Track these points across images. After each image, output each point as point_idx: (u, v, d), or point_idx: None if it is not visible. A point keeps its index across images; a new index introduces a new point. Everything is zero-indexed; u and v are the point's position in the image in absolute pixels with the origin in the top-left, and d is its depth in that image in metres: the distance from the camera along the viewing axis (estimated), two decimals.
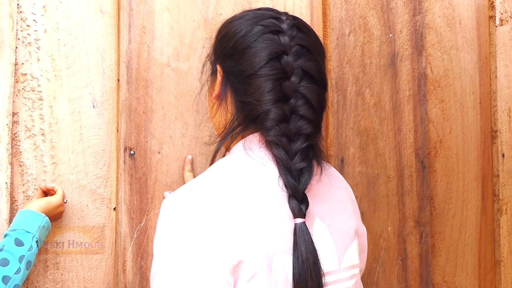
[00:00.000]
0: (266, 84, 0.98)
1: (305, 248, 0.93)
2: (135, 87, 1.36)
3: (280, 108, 0.98)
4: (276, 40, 1.00)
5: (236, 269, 0.89)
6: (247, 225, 0.91)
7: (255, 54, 0.99)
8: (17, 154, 1.30)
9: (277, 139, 0.97)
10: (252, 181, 0.96)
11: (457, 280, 1.56)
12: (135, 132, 1.36)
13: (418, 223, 1.53)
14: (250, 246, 0.90)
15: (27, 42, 1.32)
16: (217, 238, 0.89)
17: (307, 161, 0.98)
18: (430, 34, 1.57)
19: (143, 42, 1.37)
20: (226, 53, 1.04)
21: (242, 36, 1.02)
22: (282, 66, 0.99)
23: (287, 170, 0.96)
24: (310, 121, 0.99)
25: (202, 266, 0.87)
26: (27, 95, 1.31)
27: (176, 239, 0.89)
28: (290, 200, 0.95)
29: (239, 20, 1.05)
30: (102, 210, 1.34)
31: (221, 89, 1.06)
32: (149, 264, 1.34)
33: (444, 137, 1.57)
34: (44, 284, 1.30)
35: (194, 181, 0.96)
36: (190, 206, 0.91)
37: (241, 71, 1.01)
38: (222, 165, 0.99)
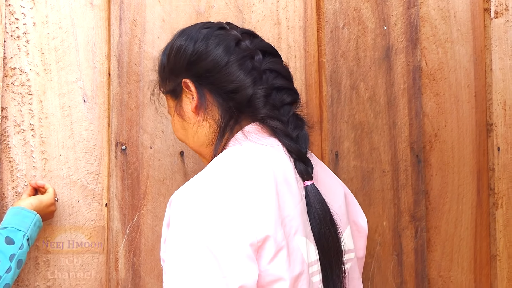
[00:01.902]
0: (242, 69, 1.04)
1: (320, 207, 0.98)
2: (126, 81, 1.35)
3: (261, 85, 1.04)
4: (226, 33, 1.08)
5: (261, 246, 0.90)
6: (265, 205, 0.92)
7: (217, 47, 1.05)
8: (6, 149, 1.28)
9: (271, 113, 1.03)
10: (262, 167, 0.97)
11: (453, 275, 1.56)
12: (126, 127, 1.34)
13: (414, 218, 1.52)
14: (273, 223, 0.91)
15: (16, 36, 1.30)
16: (239, 216, 0.90)
17: (300, 128, 1.05)
18: (425, 27, 1.56)
19: (134, 35, 1.35)
20: (188, 63, 1.07)
21: (195, 43, 1.06)
22: (243, 49, 1.05)
23: (287, 137, 1.02)
24: (287, 90, 1.07)
25: (229, 245, 0.88)
26: (16, 90, 1.29)
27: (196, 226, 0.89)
28: (297, 163, 1.01)
29: (181, 38, 1.10)
30: (93, 207, 1.33)
31: (199, 95, 1.07)
32: (141, 260, 1.33)
33: (439, 130, 1.56)
34: (35, 282, 1.29)
35: (207, 171, 0.97)
36: (208, 193, 0.92)
37: (214, 65, 1.05)
38: (230, 155, 1.00)
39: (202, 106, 1.07)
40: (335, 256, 1.00)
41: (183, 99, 1.09)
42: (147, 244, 1.34)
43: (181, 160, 1.37)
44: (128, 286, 1.33)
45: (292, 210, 0.96)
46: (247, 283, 0.88)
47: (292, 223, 0.95)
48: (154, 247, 1.34)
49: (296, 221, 0.96)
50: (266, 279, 0.91)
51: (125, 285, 1.33)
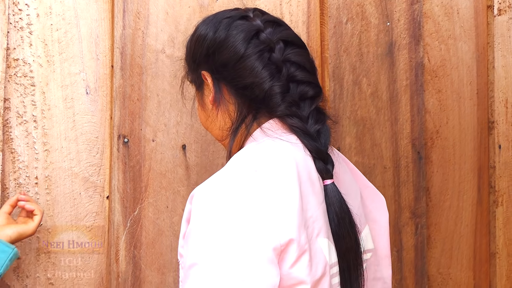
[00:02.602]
0: (257, 63, 1.00)
1: (339, 207, 0.96)
2: (129, 73, 1.34)
3: (279, 81, 1.00)
4: (247, 23, 1.03)
5: (284, 250, 0.88)
6: (289, 207, 0.90)
7: (235, 39, 1.01)
8: (9, 140, 1.28)
9: (288, 110, 0.99)
10: (286, 166, 0.94)
11: (452, 272, 1.57)
12: (129, 120, 1.34)
13: (414, 214, 1.53)
14: (297, 226, 0.90)
15: (19, 27, 1.30)
16: (263, 219, 0.88)
17: (321, 122, 1.01)
18: (428, 23, 1.56)
19: (138, 28, 1.35)
20: (206, 55, 1.05)
21: (214, 33, 1.04)
22: (262, 41, 1.01)
23: (306, 134, 0.98)
24: (309, 83, 1.02)
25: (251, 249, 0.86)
26: (19, 81, 1.29)
27: (218, 226, 0.87)
28: (316, 162, 0.98)
29: (203, 25, 1.07)
30: (95, 199, 1.33)
31: (215, 89, 1.05)
32: (142, 253, 1.33)
33: (441, 127, 1.57)
34: (35, 273, 1.29)
35: (229, 169, 0.95)
36: (230, 192, 0.90)
37: (229, 59, 1.02)
38: (251, 152, 0.97)
39: (218, 101, 1.05)
40: (354, 258, 0.98)
41: (204, 89, 1.08)
42: (148, 237, 1.34)
43: (183, 154, 1.37)
44: (129, 278, 1.33)
45: (315, 210, 0.94)
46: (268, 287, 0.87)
47: (315, 225, 0.93)
48: (155, 240, 1.34)
49: (319, 222, 0.94)
50: (287, 282, 0.90)
51: (126, 278, 1.33)
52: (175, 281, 1.35)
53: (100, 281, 1.32)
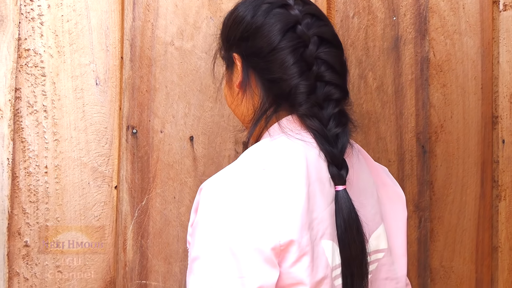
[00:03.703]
0: (289, 58, 0.98)
1: (347, 214, 0.94)
2: (138, 65, 1.36)
3: (307, 79, 0.98)
4: (286, 13, 1.00)
5: (284, 250, 0.89)
6: (294, 208, 0.90)
7: (270, 29, 0.99)
8: (19, 130, 1.29)
9: (309, 111, 0.97)
10: (295, 165, 0.94)
11: (455, 265, 1.57)
12: (138, 111, 1.35)
13: (418, 208, 1.53)
14: (299, 227, 0.89)
15: (30, 17, 1.31)
16: (265, 218, 0.88)
17: (342, 126, 0.98)
18: (433, 18, 1.57)
19: (147, 20, 1.36)
20: (240, 38, 1.03)
21: (252, 17, 1.01)
22: (298, 35, 0.98)
23: (323, 138, 0.96)
24: (336, 86, 0.99)
25: (249, 247, 0.87)
26: (29, 71, 1.30)
27: (221, 221, 0.88)
28: (330, 167, 0.95)
29: (243, 5, 1.05)
30: (103, 188, 1.34)
31: (243, 75, 1.04)
32: (149, 243, 1.34)
33: (445, 122, 1.57)
34: (44, 261, 1.30)
35: (237, 164, 0.95)
36: (236, 188, 0.91)
37: (261, 48, 1.00)
38: (262, 148, 0.98)
39: (244, 87, 1.04)
40: (359, 267, 0.96)
41: (234, 70, 1.06)
42: (155, 227, 1.35)
43: (190, 145, 1.38)
44: (136, 267, 1.34)
45: (322, 211, 0.94)
46: (264, 285, 0.87)
47: (319, 227, 0.93)
48: (162, 230, 1.35)
49: (324, 224, 0.94)
50: (286, 281, 0.90)
51: (133, 267, 1.34)
52: (181, 271, 1.36)
53: (108, 270, 1.34)
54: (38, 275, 1.29)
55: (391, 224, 1.11)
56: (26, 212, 1.29)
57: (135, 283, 1.34)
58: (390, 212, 1.12)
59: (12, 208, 1.28)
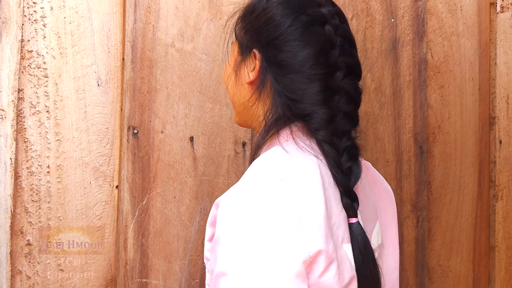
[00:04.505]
0: (315, 85, 0.96)
1: (363, 247, 0.92)
2: (139, 66, 1.37)
3: (328, 107, 0.96)
4: (322, 34, 0.97)
5: (313, 261, 0.87)
6: (316, 216, 0.88)
7: (303, 49, 0.96)
8: (22, 130, 1.31)
9: (328, 139, 0.95)
10: (311, 172, 0.92)
11: (452, 265, 1.58)
12: (138, 111, 1.37)
13: (415, 207, 1.54)
14: (324, 236, 0.88)
15: (34, 19, 1.32)
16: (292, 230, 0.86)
17: (354, 160, 0.96)
18: (431, 19, 1.58)
19: (148, 22, 1.38)
20: (269, 42, 0.99)
21: (288, 27, 0.97)
22: (328, 62, 0.96)
23: (339, 169, 0.94)
24: (352, 118, 0.98)
25: (279, 262, 0.84)
26: (32, 72, 1.32)
27: (247, 236, 0.85)
28: (343, 198, 0.93)
29: (284, 5, 1.00)
30: (104, 188, 1.35)
31: (259, 78, 1.01)
32: (150, 242, 1.35)
33: (443, 122, 1.58)
34: (46, 259, 1.31)
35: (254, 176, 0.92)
36: (258, 201, 0.87)
37: (288, 65, 0.97)
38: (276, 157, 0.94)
39: (257, 87, 1.01)
40: None
41: (246, 61, 1.03)
42: (155, 226, 1.36)
43: (190, 145, 1.40)
44: (136, 266, 1.35)
45: (338, 216, 0.92)
46: None
47: (339, 231, 0.91)
48: (162, 229, 1.37)
49: (342, 228, 0.92)
50: None
51: (134, 265, 1.35)
52: (181, 269, 1.37)
53: (109, 268, 1.35)
54: (40, 274, 1.30)
55: (385, 219, 1.11)
56: (29, 211, 1.30)
57: (135, 281, 1.35)
58: (382, 208, 1.12)
59: (14, 207, 1.29)
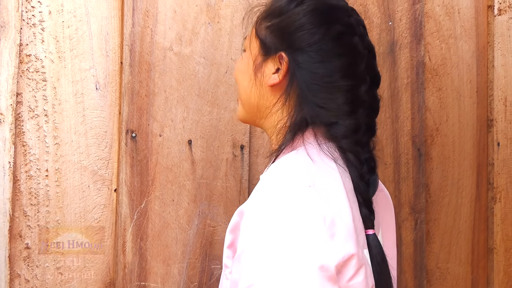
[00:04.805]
0: (343, 95, 0.97)
1: (380, 259, 0.93)
2: (137, 70, 1.38)
3: (354, 118, 0.97)
4: (352, 46, 0.98)
5: (344, 265, 0.87)
6: (346, 219, 0.88)
7: (336, 60, 0.97)
8: (20, 134, 1.31)
9: (353, 148, 0.95)
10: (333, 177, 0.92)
11: (450, 267, 1.58)
12: (137, 115, 1.37)
13: (414, 210, 1.54)
14: (355, 240, 0.88)
15: (32, 23, 1.32)
16: (323, 236, 0.85)
17: (372, 172, 0.97)
18: (429, 22, 1.58)
19: (147, 26, 1.38)
20: (301, 48, 0.98)
21: (322, 35, 0.97)
22: (356, 74, 0.97)
23: (360, 179, 0.94)
24: (372, 129, 1.00)
25: (313, 269, 0.83)
26: (31, 76, 1.32)
27: (277, 246, 0.84)
28: (362, 208, 0.93)
29: (318, 14, 0.99)
30: (103, 191, 1.36)
31: (286, 82, 0.99)
32: (148, 245, 1.36)
33: (441, 125, 1.58)
34: (45, 262, 1.31)
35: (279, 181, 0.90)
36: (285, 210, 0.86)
37: (317, 73, 0.97)
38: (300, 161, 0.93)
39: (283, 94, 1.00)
40: None
41: (268, 61, 1.01)
42: (154, 229, 1.37)
43: (189, 149, 1.40)
44: (135, 269, 1.35)
45: (359, 221, 0.92)
46: None
47: (360, 237, 0.91)
48: (161, 232, 1.37)
49: (362, 234, 0.92)
50: None
51: (132, 268, 1.35)
52: (179, 273, 1.38)
53: (107, 271, 1.35)
54: (39, 277, 1.31)
55: (385, 226, 1.12)
56: (27, 214, 1.31)
57: (134, 284, 1.35)
58: (382, 214, 1.11)
59: (13, 211, 1.30)
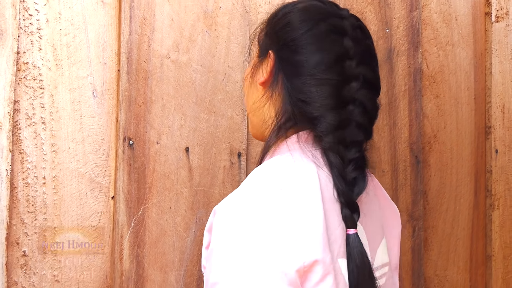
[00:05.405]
0: (326, 89, 0.96)
1: (360, 260, 0.91)
2: (135, 78, 1.38)
3: (337, 114, 0.95)
4: (340, 44, 0.98)
5: (308, 270, 0.87)
6: (313, 226, 0.88)
7: (318, 54, 0.97)
8: (18, 141, 1.31)
9: (334, 147, 0.94)
10: (311, 183, 0.92)
11: (449, 274, 1.58)
12: (134, 122, 1.37)
13: (411, 217, 1.54)
14: (322, 246, 0.88)
15: (29, 31, 1.33)
16: (286, 239, 0.85)
17: (361, 170, 0.95)
18: (426, 29, 1.58)
19: (144, 33, 1.39)
20: (285, 44, 1.00)
21: (306, 32, 0.98)
22: (344, 71, 0.96)
23: (342, 178, 0.93)
24: (365, 129, 0.97)
25: (272, 270, 0.84)
26: (28, 84, 1.33)
27: (240, 245, 0.85)
28: (343, 209, 0.93)
29: (305, 12, 1.01)
30: (100, 199, 1.36)
31: (272, 78, 1.01)
32: (145, 252, 1.36)
33: (439, 132, 1.58)
34: (42, 270, 1.31)
35: (252, 183, 0.91)
36: (253, 209, 0.87)
37: (301, 67, 0.97)
38: (278, 164, 0.94)
39: (268, 87, 1.01)
40: None
41: (263, 63, 1.04)
42: (151, 236, 1.37)
43: (186, 156, 1.40)
44: (132, 277, 1.35)
45: (335, 230, 0.91)
46: None
47: (335, 245, 0.91)
48: (158, 240, 1.37)
49: (338, 243, 0.91)
50: None
51: (129, 276, 1.35)
52: (177, 280, 1.37)
53: (104, 279, 1.35)
54: (36, 285, 1.31)
55: (390, 236, 1.11)
56: (24, 222, 1.31)
57: None
58: (389, 224, 1.11)
59: (10, 218, 1.30)
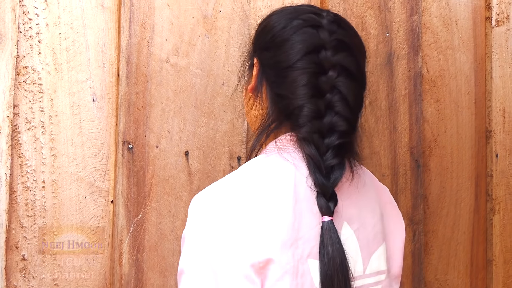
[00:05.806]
0: (302, 78, 0.96)
1: (332, 247, 0.90)
2: (134, 82, 1.38)
3: (315, 104, 0.95)
4: (314, 34, 0.98)
5: (264, 267, 0.89)
6: (276, 225, 0.90)
7: (293, 46, 0.97)
8: (17, 145, 1.31)
9: (309, 136, 0.94)
10: (283, 183, 0.94)
11: (449, 278, 1.58)
12: (133, 126, 1.37)
13: (412, 221, 1.54)
14: (279, 246, 0.89)
15: (29, 36, 1.33)
16: (245, 235, 0.89)
17: (339, 158, 0.94)
18: (426, 34, 1.58)
19: (143, 37, 1.39)
20: (264, 46, 1.03)
21: (280, 29, 1.00)
22: (319, 60, 0.96)
23: (317, 168, 0.93)
24: (345, 118, 0.95)
25: (228, 263, 0.88)
26: (28, 88, 1.33)
27: (204, 236, 0.90)
28: (318, 197, 0.92)
29: (279, 14, 1.04)
30: (99, 203, 1.36)
31: (257, 82, 1.04)
32: (145, 256, 1.36)
33: (439, 136, 1.58)
34: (41, 274, 1.31)
35: (226, 179, 0.96)
36: (220, 204, 0.92)
37: (278, 63, 0.99)
38: (253, 165, 0.98)
39: (255, 94, 1.05)
40: None
41: (252, 71, 1.08)
42: (150, 240, 1.37)
43: (185, 160, 1.40)
44: (131, 281, 1.35)
45: (309, 231, 0.92)
46: None
47: (305, 245, 0.91)
48: (158, 244, 1.37)
49: (311, 243, 0.92)
50: None
51: (129, 280, 1.35)
52: (176, 284, 1.37)
53: (104, 283, 1.35)
54: None
55: (392, 243, 1.10)
56: (24, 226, 1.31)
57: None
58: (392, 232, 1.11)
59: (9, 222, 1.30)
